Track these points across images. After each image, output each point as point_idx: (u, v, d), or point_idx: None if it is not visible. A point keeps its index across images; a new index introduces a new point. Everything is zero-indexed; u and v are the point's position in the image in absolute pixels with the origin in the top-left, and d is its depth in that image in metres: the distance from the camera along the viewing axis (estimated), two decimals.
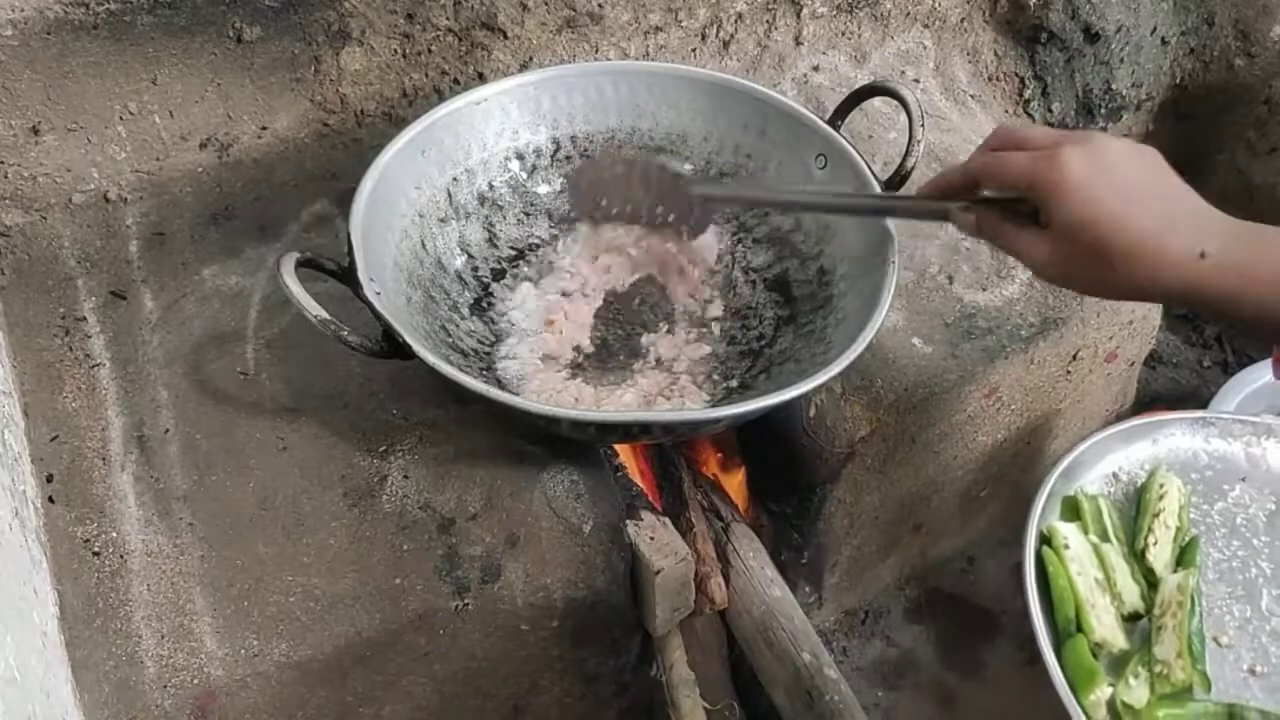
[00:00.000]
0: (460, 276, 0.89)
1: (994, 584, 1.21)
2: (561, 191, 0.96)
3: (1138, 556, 0.80)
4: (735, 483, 1.07)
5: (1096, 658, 0.73)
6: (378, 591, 0.71)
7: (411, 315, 0.80)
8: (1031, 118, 1.35)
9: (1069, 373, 1.05)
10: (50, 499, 0.74)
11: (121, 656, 0.67)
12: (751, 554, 0.94)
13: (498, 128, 0.92)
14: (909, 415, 0.93)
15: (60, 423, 0.78)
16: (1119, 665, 0.74)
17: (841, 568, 1.09)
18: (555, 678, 0.81)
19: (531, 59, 1.05)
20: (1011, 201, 0.64)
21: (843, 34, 1.24)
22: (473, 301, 0.88)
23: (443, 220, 0.89)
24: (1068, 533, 0.80)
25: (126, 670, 0.67)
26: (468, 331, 0.86)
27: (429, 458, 0.78)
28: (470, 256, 0.91)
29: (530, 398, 0.80)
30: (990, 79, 1.33)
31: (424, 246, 0.87)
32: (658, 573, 0.78)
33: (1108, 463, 0.87)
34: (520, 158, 0.94)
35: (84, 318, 0.85)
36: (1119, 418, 1.26)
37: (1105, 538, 0.81)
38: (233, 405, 0.80)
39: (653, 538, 0.80)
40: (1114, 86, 1.35)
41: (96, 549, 0.72)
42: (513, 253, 0.93)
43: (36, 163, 0.87)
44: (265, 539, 0.73)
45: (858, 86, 0.90)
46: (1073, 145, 0.59)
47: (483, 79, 1.03)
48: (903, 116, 0.92)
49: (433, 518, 0.75)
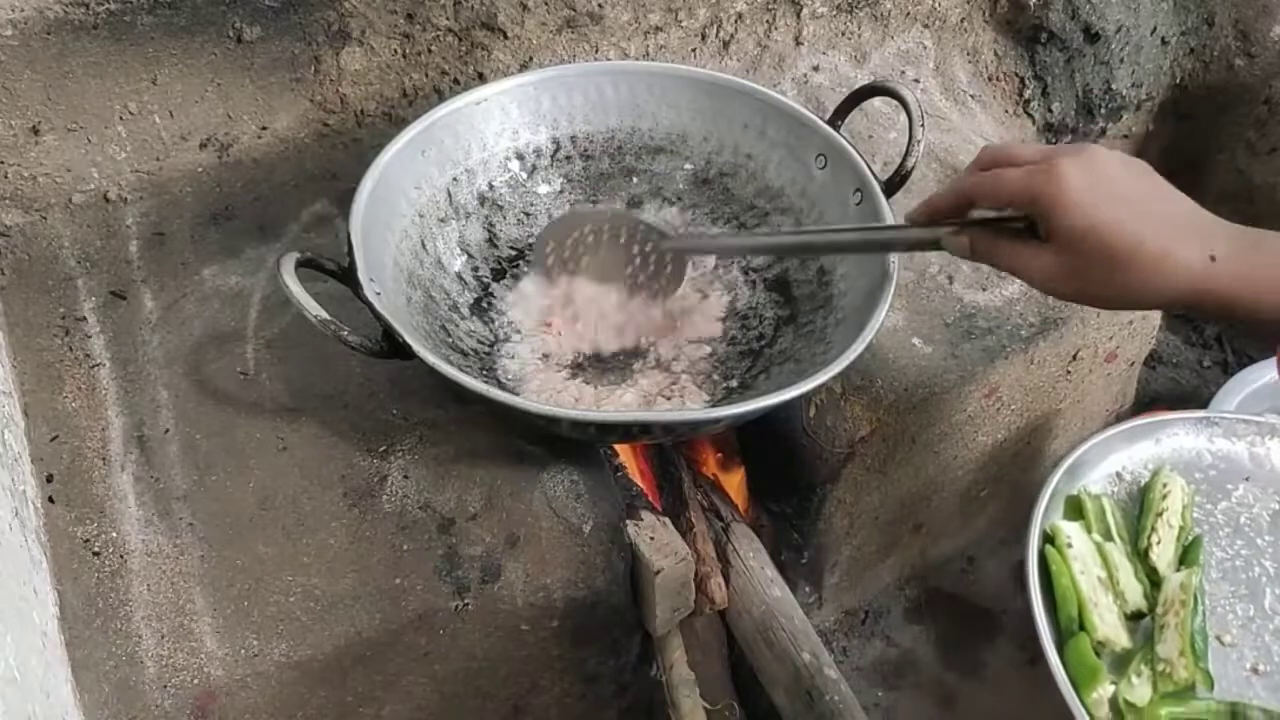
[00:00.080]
0: (460, 276, 0.89)
1: (994, 584, 1.21)
2: (561, 192, 0.96)
3: (1141, 555, 0.80)
4: (735, 483, 1.07)
5: (1099, 656, 0.73)
6: (378, 591, 0.71)
7: (411, 315, 0.80)
8: (1031, 118, 1.35)
9: (1069, 373, 1.05)
10: (50, 499, 0.74)
11: (121, 656, 0.67)
12: (751, 554, 0.94)
13: (498, 128, 0.92)
14: (909, 415, 0.93)
15: (60, 423, 0.78)
16: (1121, 664, 0.74)
17: (841, 568, 1.09)
18: (555, 678, 0.81)
19: (531, 59, 1.05)
20: (1005, 220, 0.63)
21: (843, 34, 1.24)
22: (473, 301, 0.88)
23: (443, 220, 0.89)
24: (1071, 531, 0.80)
25: (126, 670, 0.67)
26: (468, 331, 0.86)
27: (429, 458, 0.78)
28: (470, 256, 0.91)
29: (530, 398, 0.80)
30: (990, 79, 1.33)
31: (424, 246, 0.87)
32: (658, 573, 0.78)
33: (1111, 462, 0.87)
34: (520, 158, 0.94)
35: (84, 318, 0.85)
36: (1119, 418, 1.26)
37: (1108, 537, 0.81)
38: (233, 405, 0.80)
39: (653, 538, 0.80)
40: (1114, 86, 1.35)
41: (96, 549, 0.72)
42: (513, 253, 0.93)
43: (36, 163, 0.87)
44: (265, 539, 0.73)
45: (858, 86, 0.90)
46: (1068, 157, 0.59)
47: (483, 79, 1.03)
48: (903, 116, 0.92)
49: (433, 518, 0.75)
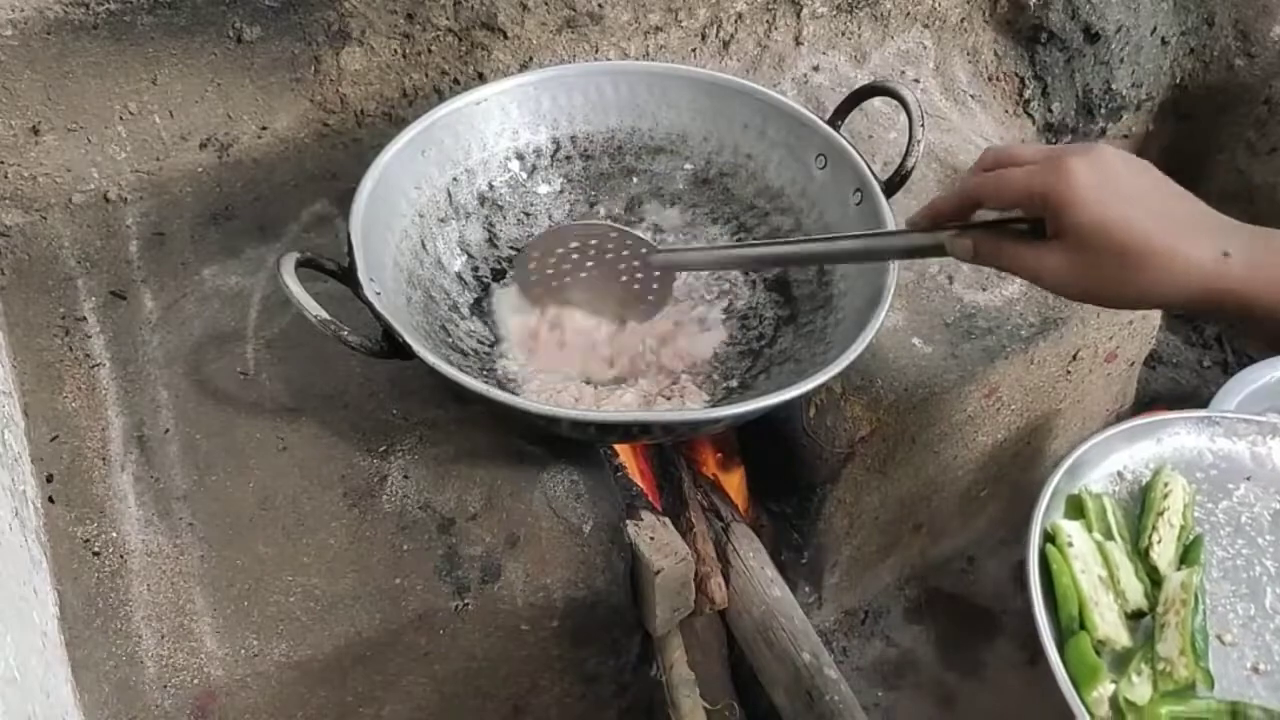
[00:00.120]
0: (460, 277, 0.89)
1: (994, 584, 1.21)
2: (561, 192, 0.96)
3: (1141, 555, 0.80)
4: (735, 483, 1.07)
5: (1099, 655, 0.73)
6: (378, 591, 0.71)
7: (411, 315, 0.80)
8: (1031, 118, 1.35)
9: (1069, 373, 1.05)
10: (50, 499, 0.74)
11: (121, 656, 0.67)
12: (751, 554, 0.94)
13: (498, 128, 0.92)
14: (909, 415, 0.93)
15: (60, 423, 0.78)
16: (1122, 663, 0.74)
17: (841, 568, 1.09)
18: (555, 678, 0.81)
19: (531, 59, 1.05)
20: (1009, 221, 0.63)
21: (843, 34, 1.24)
22: (473, 301, 0.88)
23: (443, 220, 0.89)
24: (1071, 530, 0.80)
25: (126, 670, 0.67)
26: (468, 331, 0.86)
27: (429, 458, 0.78)
28: (470, 256, 0.91)
29: (530, 398, 0.80)
30: (990, 79, 1.33)
31: (424, 246, 0.87)
32: (658, 573, 0.78)
33: (1112, 461, 0.87)
34: (520, 158, 0.94)
35: (84, 318, 0.85)
36: (1119, 418, 1.26)
37: (1109, 536, 0.81)
38: (233, 405, 0.80)
39: (653, 538, 0.80)
40: (1114, 86, 1.35)
41: (96, 549, 0.72)
42: (513, 253, 0.93)
43: (36, 163, 0.87)
44: (265, 539, 0.73)
45: (858, 86, 0.90)
46: (1077, 155, 0.58)
47: (483, 79, 1.03)
48: (903, 116, 0.92)
49: (433, 518, 0.75)
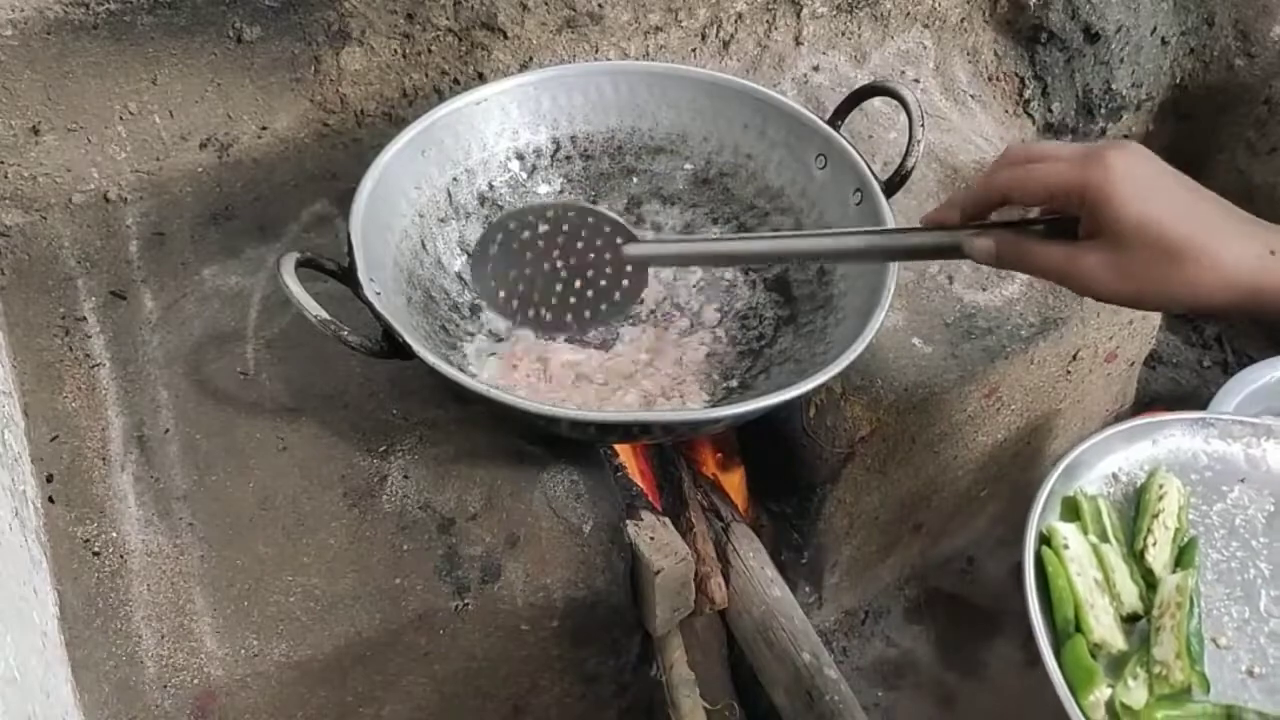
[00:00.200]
0: (460, 277, 0.89)
1: (994, 584, 1.21)
2: (561, 192, 0.96)
3: (1137, 557, 0.80)
4: (735, 483, 1.07)
5: (1095, 658, 0.73)
6: (378, 591, 0.71)
7: (411, 315, 0.80)
8: (1031, 118, 1.35)
9: (1069, 373, 1.05)
10: (50, 499, 0.74)
11: (121, 656, 0.67)
12: (751, 554, 0.94)
13: (498, 128, 0.92)
14: (909, 415, 0.93)
15: (60, 423, 0.78)
16: (1118, 666, 0.74)
17: (841, 568, 1.09)
18: (555, 678, 0.81)
19: (531, 59, 1.05)
20: (1036, 221, 0.60)
21: (843, 34, 1.24)
22: (472, 301, 0.88)
23: (443, 220, 0.89)
24: (1067, 533, 0.80)
25: (126, 670, 0.67)
26: (468, 332, 0.86)
27: (429, 458, 0.78)
28: (470, 256, 0.91)
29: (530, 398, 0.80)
30: (990, 79, 1.33)
31: (424, 246, 0.87)
32: (658, 573, 0.78)
33: (1107, 463, 0.86)
34: (520, 158, 0.94)
35: (84, 318, 0.85)
36: (1119, 418, 1.26)
37: (1104, 538, 0.81)
38: (233, 405, 0.80)
39: (653, 538, 0.80)
40: (1114, 86, 1.35)
41: (96, 549, 0.72)
42: None
43: (36, 163, 0.87)
44: (265, 539, 0.73)
45: (858, 86, 0.90)
46: (1115, 149, 0.56)
47: (483, 79, 1.03)
48: (903, 116, 0.92)
49: (433, 518, 0.75)
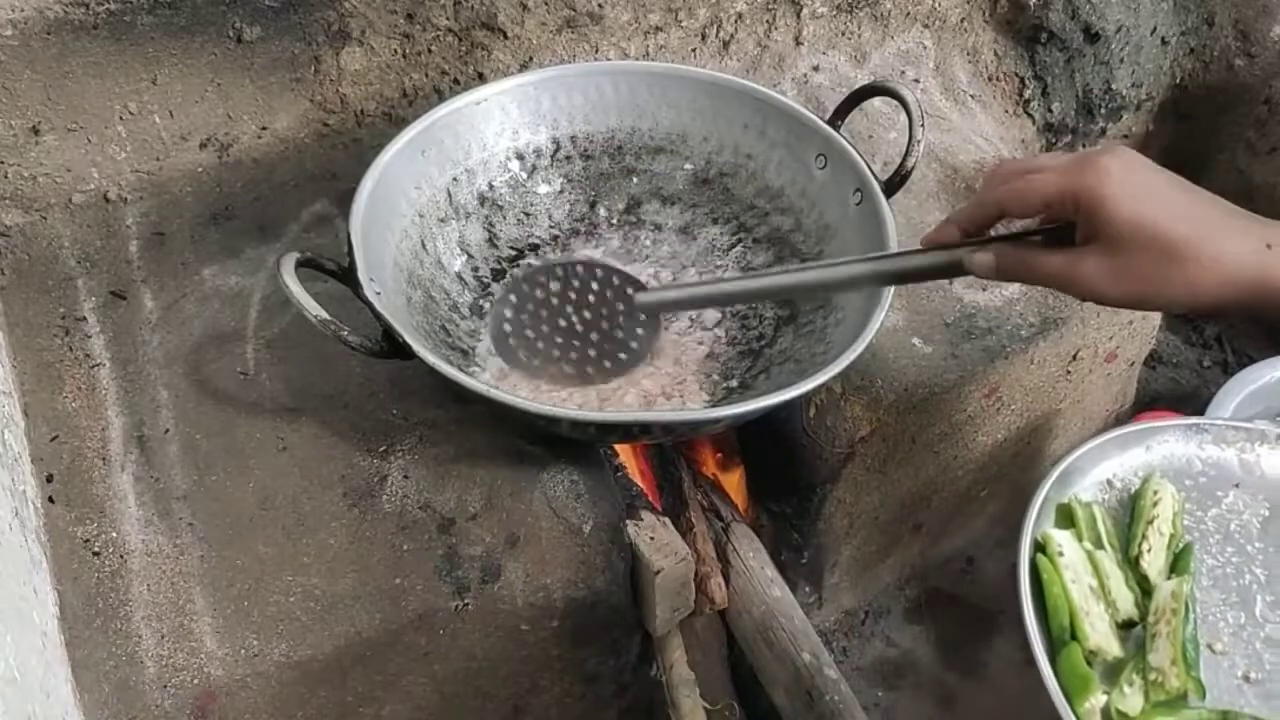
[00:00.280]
0: (460, 277, 0.89)
1: (994, 584, 1.21)
2: (561, 192, 0.96)
3: (1132, 563, 0.80)
4: (735, 483, 1.07)
5: (1091, 665, 0.72)
6: (378, 591, 0.71)
7: (411, 315, 0.80)
8: (1031, 118, 1.35)
9: (1069, 373, 1.05)
10: (50, 499, 0.74)
11: (121, 656, 0.67)
12: (751, 554, 0.94)
13: (498, 128, 0.92)
14: (909, 415, 0.93)
15: (60, 423, 0.78)
16: (1113, 673, 0.74)
17: (841, 568, 1.09)
18: (555, 678, 0.81)
19: (531, 59, 1.05)
20: (1033, 232, 0.61)
21: (843, 34, 1.24)
22: (472, 302, 0.88)
23: (443, 220, 0.89)
24: (1062, 540, 0.79)
25: (126, 670, 0.67)
26: (468, 331, 0.86)
27: (429, 458, 0.78)
28: (470, 256, 0.91)
29: (530, 398, 0.80)
30: (990, 79, 1.33)
31: (424, 246, 0.87)
32: (658, 573, 0.78)
33: (1102, 469, 0.86)
34: (520, 158, 0.94)
35: (84, 318, 0.85)
36: (1119, 418, 1.26)
37: (1099, 545, 0.80)
38: (233, 405, 0.80)
39: (653, 538, 0.80)
40: (1114, 86, 1.35)
41: (96, 549, 0.72)
42: (513, 253, 0.93)
43: (36, 163, 0.87)
44: (265, 539, 0.73)
45: (858, 86, 0.90)
46: (1107, 154, 0.57)
47: (483, 79, 1.03)
48: (903, 116, 0.92)
49: (433, 518, 0.75)
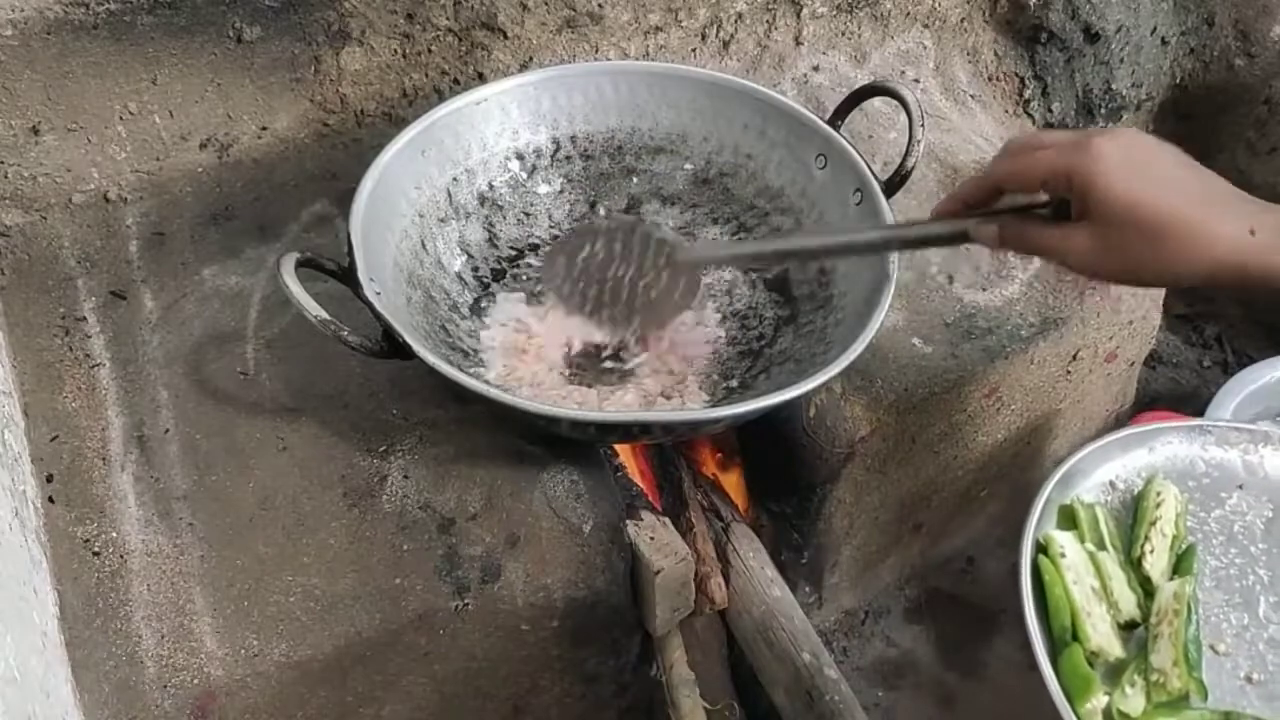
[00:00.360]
0: (460, 277, 0.89)
1: (994, 584, 1.21)
2: (561, 192, 0.96)
3: (1134, 565, 0.80)
4: (735, 483, 1.07)
5: (1093, 666, 0.72)
6: (378, 591, 0.71)
7: (411, 315, 0.80)
8: (1031, 118, 1.35)
9: (1069, 373, 1.05)
10: (50, 499, 0.74)
11: (121, 656, 0.67)
12: (751, 554, 0.94)
13: (498, 128, 0.92)
14: (909, 415, 0.93)
15: (60, 423, 0.78)
16: (1115, 674, 0.74)
17: (841, 568, 1.09)
18: (555, 678, 0.81)
19: (531, 59, 1.05)
20: (1035, 206, 0.64)
21: (843, 34, 1.24)
22: (472, 302, 0.88)
23: (443, 220, 0.89)
24: (1064, 541, 0.79)
25: (126, 670, 0.67)
26: (468, 331, 0.86)
27: (429, 458, 0.78)
28: (470, 256, 0.91)
29: (530, 398, 0.80)
30: (990, 79, 1.33)
31: (424, 246, 0.87)
32: (658, 573, 0.78)
33: (1104, 471, 0.86)
34: (520, 158, 0.94)
35: (84, 318, 0.85)
36: (1119, 418, 1.26)
37: (1102, 546, 0.80)
38: (233, 405, 0.80)
39: (653, 538, 0.80)
40: (1114, 86, 1.35)
41: (96, 549, 0.72)
42: (513, 253, 0.93)
43: (36, 163, 0.87)
44: (265, 539, 0.73)
45: (858, 86, 0.90)
46: (1103, 135, 0.59)
47: (483, 79, 1.03)
48: (903, 116, 0.92)
49: (433, 518, 0.75)
